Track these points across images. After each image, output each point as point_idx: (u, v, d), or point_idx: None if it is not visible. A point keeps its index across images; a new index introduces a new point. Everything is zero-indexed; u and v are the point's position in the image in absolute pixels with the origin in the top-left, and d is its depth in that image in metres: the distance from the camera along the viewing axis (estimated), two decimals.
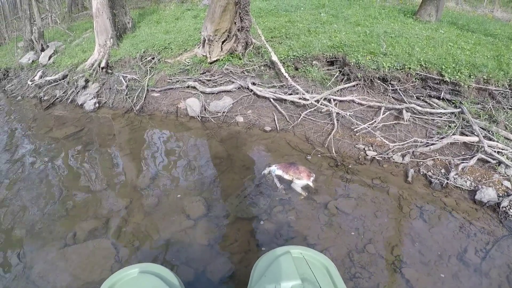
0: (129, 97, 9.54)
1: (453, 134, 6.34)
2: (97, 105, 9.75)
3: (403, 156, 6.28)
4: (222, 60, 9.20)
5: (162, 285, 3.11)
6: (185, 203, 5.41)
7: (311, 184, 5.56)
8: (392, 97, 7.37)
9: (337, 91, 7.75)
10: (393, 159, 6.25)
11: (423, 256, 4.37)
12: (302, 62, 8.48)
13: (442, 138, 6.39)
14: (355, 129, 6.94)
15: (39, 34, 13.43)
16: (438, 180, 5.66)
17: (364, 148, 6.60)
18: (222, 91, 8.66)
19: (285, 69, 8.21)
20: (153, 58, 10.27)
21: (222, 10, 8.26)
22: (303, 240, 4.62)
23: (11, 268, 4.45)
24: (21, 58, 13.66)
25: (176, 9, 15.96)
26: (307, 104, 7.66)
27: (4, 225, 5.20)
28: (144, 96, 9.32)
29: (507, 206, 5.05)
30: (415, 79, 7.23)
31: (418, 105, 7.01)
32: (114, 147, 7.51)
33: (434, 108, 6.92)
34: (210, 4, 8.66)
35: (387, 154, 6.37)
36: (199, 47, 9.61)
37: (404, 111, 6.92)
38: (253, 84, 8.47)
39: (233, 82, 8.68)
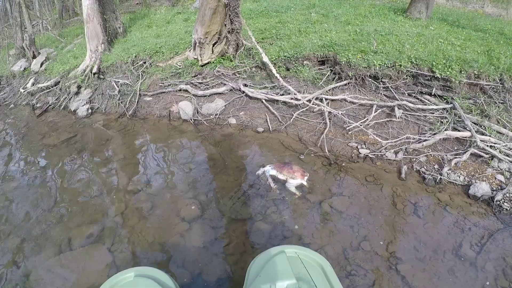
0: (121, 102, 9.53)
1: (446, 130, 6.36)
2: (90, 110, 9.73)
3: (396, 153, 6.30)
4: (213, 62, 9.19)
5: None
6: (180, 206, 5.40)
7: (305, 183, 5.56)
8: (384, 94, 7.39)
9: (329, 90, 7.77)
10: (386, 156, 6.27)
11: (418, 252, 4.38)
12: (293, 62, 8.48)
13: (434, 134, 6.42)
14: (348, 128, 6.95)
15: (30, 41, 13.39)
16: (432, 176, 5.68)
17: (357, 146, 6.61)
18: (214, 94, 8.65)
19: (276, 70, 8.21)
20: (144, 63, 10.24)
21: (212, 12, 8.26)
22: (298, 239, 4.62)
23: (6, 275, 4.42)
24: (12, 66, 13.61)
25: (166, 12, 15.96)
26: (299, 104, 7.67)
27: None
28: (137, 100, 9.30)
29: (501, 199, 5.07)
30: (406, 76, 7.26)
31: (410, 102, 7.03)
32: (108, 152, 7.48)
33: (426, 105, 6.94)
34: (200, 7, 8.66)
35: (380, 152, 6.38)
36: (190, 50, 9.61)
37: (396, 108, 6.95)
38: (245, 85, 8.47)
39: (225, 84, 8.68)
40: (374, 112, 7.07)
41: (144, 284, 3.16)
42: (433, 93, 7.01)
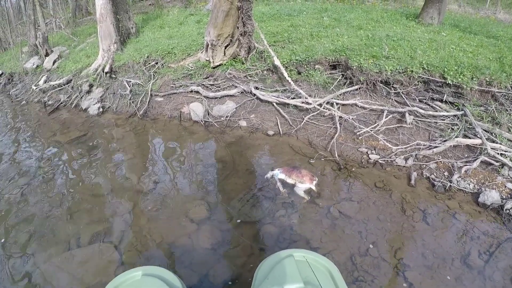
0: (132, 102, 9.59)
1: (456, 137, 6.32)
2: (101, 109, 9.81)
3: (406, 159, 6.28)
4: (225, 64, 9.24)
5: None
6: (188, 207, 5.43)
7: (313, 187, 5.55)
8: (395, 100, 7.38)
9: (340, 95, 7.76)
10: (396, 162, 6.25)
11: (426, 259, 4.36)
12: (305, 66, 8.50)
13: (445, 141, 6.38)
14: (358, 133, 6.93)
15: (43, 39, 13.55)
16: (441, 183, 5.66)
17: (367, 152, 6.60)
18: (225, 96, 8.68)
19: (287, 73, 8.22)
20: (156, 63, 10.32)
21: (224, 15, 8.31)
22: (306, 243, 4.62)
23: (15, 271, 4.47)
24: (25, 63, 13.77)
25: (179, 14, 16.04)
26: (310, 108, 7.67)
27: (9, 228, 5.23)
28: (148, 100, 9.37)
29: (510, 208, 5.03)
30: (418, 82, 7.24)
31: (421, 108, 7.00)
32: (118, 151, 7.54)
33: (436, 111, 6.91)
34: (213, 9, 8.71)
35: (390, 158, 6.36)
36: (202, 52, 9.66)
37: (406, 114, 6.92)
38: (256, 88, 8.48)
39: (236, 87, 8.71)
40: (385, 118, 7.05)
41: (151, 283, 3.17)
42: (444, 100, 6.99)
